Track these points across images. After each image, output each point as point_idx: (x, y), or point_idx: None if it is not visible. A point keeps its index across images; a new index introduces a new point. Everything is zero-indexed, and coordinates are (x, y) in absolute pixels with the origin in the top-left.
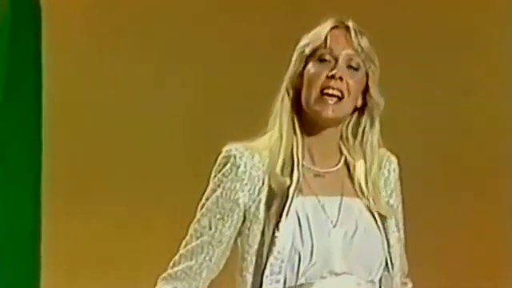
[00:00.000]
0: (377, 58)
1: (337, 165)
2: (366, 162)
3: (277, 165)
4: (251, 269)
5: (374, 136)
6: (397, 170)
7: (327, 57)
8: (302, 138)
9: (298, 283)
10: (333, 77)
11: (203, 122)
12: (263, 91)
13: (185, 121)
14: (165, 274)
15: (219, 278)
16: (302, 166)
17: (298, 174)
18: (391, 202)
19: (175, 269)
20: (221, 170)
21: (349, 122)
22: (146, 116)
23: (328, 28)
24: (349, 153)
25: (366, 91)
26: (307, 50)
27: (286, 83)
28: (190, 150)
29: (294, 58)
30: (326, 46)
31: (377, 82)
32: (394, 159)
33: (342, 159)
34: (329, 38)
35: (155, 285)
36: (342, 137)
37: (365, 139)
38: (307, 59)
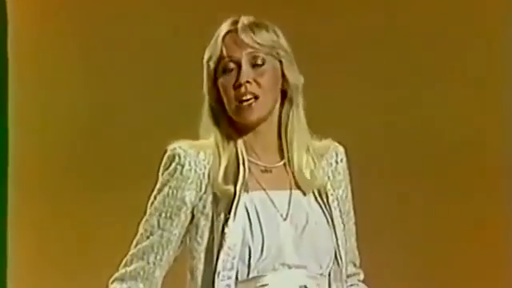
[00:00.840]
0: (283, 39)
1: (282, 160)
2: (287, 140)
3: (219, 173)
4: (201, 266)
5: (296, 113)
6: (344, 160)
7: (230, 65)
8: (243, 140)
9: (250, 276)
10: (240, 85)
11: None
12: None
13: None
14: (117, 275)
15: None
16: (249, 161)
17: (243, 171)
18: (340, 192)
19: (128, 269)
20: (167, 168)
21: (281, 113)
22: (108, 115)
23: (221, 37)
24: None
25: (284, 77)
26: (211, 65)
27: (206, 99)
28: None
29: (204, 74)
30: (224, 57)
31: (292, 63)
32: (341, 149)
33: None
34: (224, 48)
35: (107, 285)
36: (280, 130)
37: (289, 118)
38: (215, 72)
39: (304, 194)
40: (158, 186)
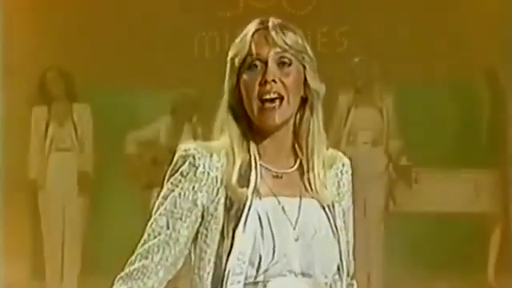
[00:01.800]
0: (307, 46)
1: (293, 166)
2: (308, 150)
3: (233, 175)
4: (209, 268)
5: (316, 122)
6: (349, 172)
7: (256, 62)
8: (256, 144)
9: (257, 280)
10: (266, 82)
11: None
12: None
13: None
14: (122, 274)
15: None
16: (260, 165)
17: (255, 176)
18: (343, 203)
19: (131, 268)
20: (178, 169)
21: (300, 118)
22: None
23: (250, 34)
24: (303, 155)
25: (306, 82)
26: (237, 62)
27: (226, 96)
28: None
29: (227, 71)
30: (252, 54)
31: (315, 71)
32: (347, 161)
33: (298, 161)
34: (252, 44)
35: (112, 284)
36: (296, 136)
37: (310, 127)
38: (240, 69)
39: (320, 204)
40: (167, 186)
